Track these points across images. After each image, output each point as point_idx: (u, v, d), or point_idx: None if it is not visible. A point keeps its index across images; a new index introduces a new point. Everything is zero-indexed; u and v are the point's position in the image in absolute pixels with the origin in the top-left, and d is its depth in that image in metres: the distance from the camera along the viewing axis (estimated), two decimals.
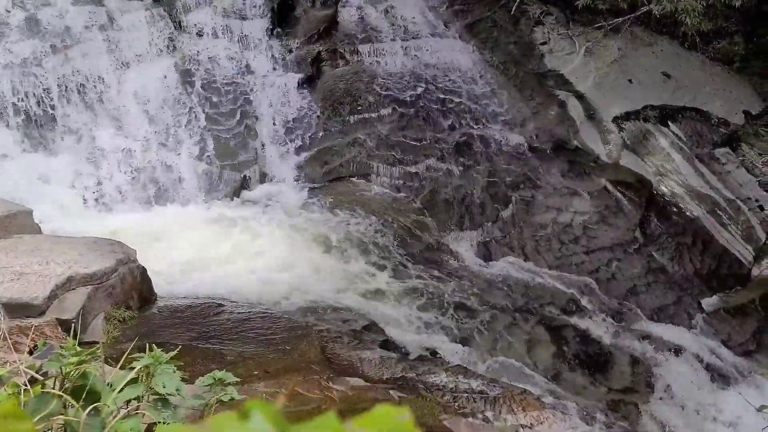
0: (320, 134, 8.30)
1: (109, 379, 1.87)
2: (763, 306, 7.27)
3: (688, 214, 8.05)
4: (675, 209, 8.10)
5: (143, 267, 4.91)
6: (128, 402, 1.74)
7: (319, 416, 0.44)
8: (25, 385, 1.73)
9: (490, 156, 8.33)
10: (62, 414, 1.57)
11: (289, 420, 0.46)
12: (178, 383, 1.82)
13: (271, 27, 8.85)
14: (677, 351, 6.55)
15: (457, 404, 4.15)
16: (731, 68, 9.47)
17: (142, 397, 1.80)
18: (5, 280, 4.00)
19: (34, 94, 7.20)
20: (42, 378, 1.76)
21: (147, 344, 2.01)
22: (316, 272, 6.41)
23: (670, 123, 8.88)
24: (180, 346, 2.36)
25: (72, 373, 1.68)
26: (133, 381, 1.77)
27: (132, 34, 7.93)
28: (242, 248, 6.62)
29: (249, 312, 4.99)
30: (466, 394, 4.27)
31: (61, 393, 1.59)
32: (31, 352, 2.94)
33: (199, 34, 8.45)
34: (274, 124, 8.23)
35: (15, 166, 6.91)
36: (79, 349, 1.71)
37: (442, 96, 8.77)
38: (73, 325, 3.77)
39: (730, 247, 7.82)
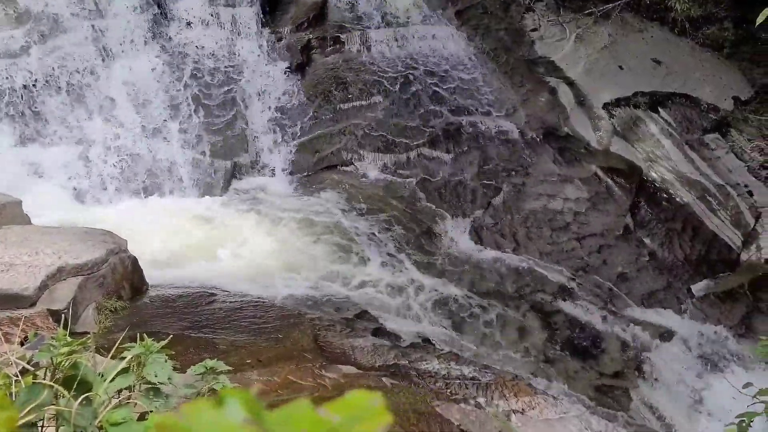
0: (311, 122, 8.27)
1: (101, 369, 1.87)
2: (751, 291, 7.32)
3: (677, 200, 8.09)
4: (665, 195, 8.13)
5: (134, 257, 4.90)
6: (120, 391, 1.74)
7: (293, 402, 0.45)
8: (16, 376, 1.73)
9: (480, 143, 8.33)
10: (54, 404, 1.57)
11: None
12: (170, 372, 1.82)
13: (260, 14, 8.78)
14: (667, 336, 6.61)
15: (449, 390, 4.17)
16: (721, 54, 9.49)
17: (134, 386, 1.80)
18: None
19: (24, 85, 7.13)
20: (33, 368, 1.76)
21: (138, 334, 2.01)
22: (308, 261, 6.41)
23: (660, 109, 8.90)
24: (171, 336, 2.36)
25: (63, 363, 1.68)
26: (125, 371, 1.77)
27: (120, 22, 7.85)
28: (233, 238, 6.61)
29: (241, 301, 5.00)
30: (458, 381, 4.29)
31: (52, 383, 1.59)
32: (22, 343, 2.94)
33: (188, 23, 8.38)
34: (264, 112, 8.20)
35: (4, 157, 6.86)
36: (69, 339, 1.71)
37: (432, 83, 8.75)
38: (63, 315, 3.76)
39: (720, 232, 7.87)
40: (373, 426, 0.43)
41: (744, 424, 2.36)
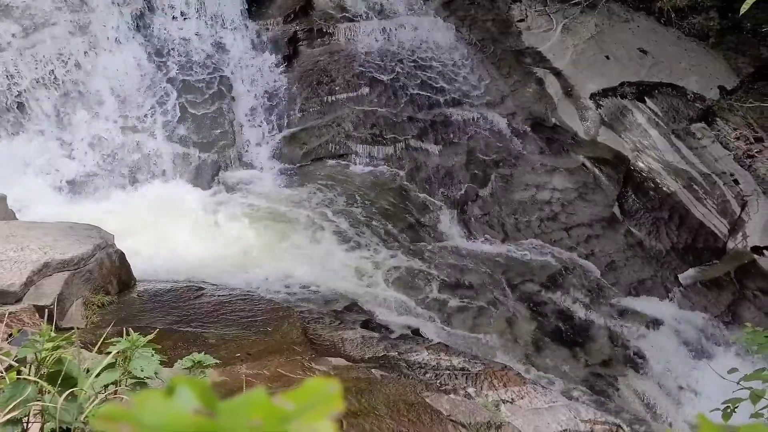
0: (298, 115, 8.23)
1: (87, 364, 1.85)
2: (738, 278, 7.40)
3: (664, 189, 8.13)
4: (652, 185, 8.18)
5: (121, 251, 4.86)
6: (106, 386, 1.73)
7: (247, 391, 0.44)
8: (1, 373, 1.71)
9: (468, 134, 8.33)
10: (39, 400, 1.56)
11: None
12: (156, 366, 1.81)
13: (246, 6, 8.71)
14: (655, 324, 6.65)
15: (439, 381, 4.18)
16: (706, 43, 9.53)
17: (120, 381, 1.79)
18: None
19: (7, 78, 7.05)
20: (17, 365, 1.74)
21: (124, 329, 1.99)
22: (295, 252, 6.39)
23: (646, 99, 8.93)
24: (159, 330, 2.34)
25: (47, 359, 1.66)
26: (111, 365, 1.76)
27: (103, 15, 7.76)
28: (220, 231, 6.58)
29: (230, 294, 4.98)
30: (448, 371, 4.30)
31: (36, 379, 1.58)
32: (8, 340, 2.92)
33: (173, 15, 8.29)
34: (250, 105, 8.14)
35: None
36: (53, 334, 1.70)
37: (419, 74, 8.73)
38: (49, 311, 3.73)
39: (706, 221, 7.93)
40: (324, 412, 0.43)
41: (729, 410, 2.39)
